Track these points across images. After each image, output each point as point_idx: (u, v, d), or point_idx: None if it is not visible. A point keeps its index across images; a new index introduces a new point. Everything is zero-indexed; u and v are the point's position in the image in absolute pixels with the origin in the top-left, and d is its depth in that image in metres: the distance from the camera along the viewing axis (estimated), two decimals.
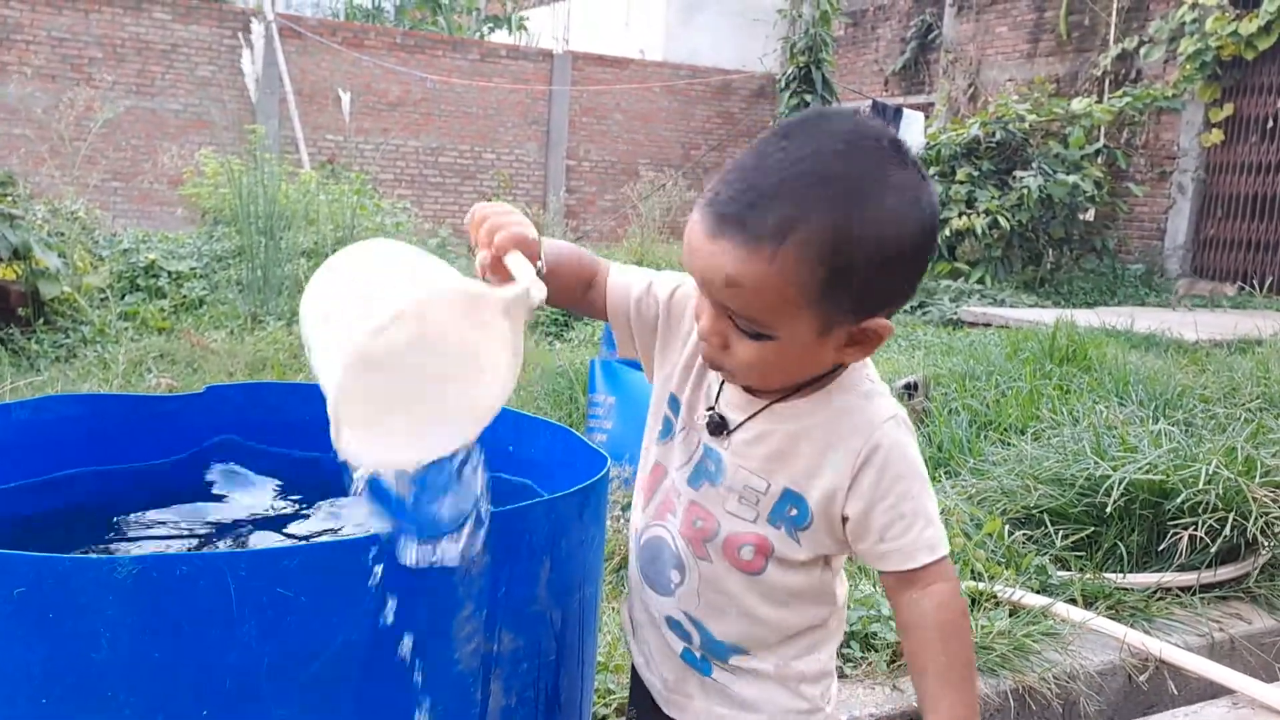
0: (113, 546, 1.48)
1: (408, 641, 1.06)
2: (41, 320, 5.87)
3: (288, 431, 1.71)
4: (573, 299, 1.31)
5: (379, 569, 1.04)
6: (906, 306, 9.36)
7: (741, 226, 1.02)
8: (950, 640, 1.19)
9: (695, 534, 1.25)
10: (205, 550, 1.47)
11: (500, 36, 19.69)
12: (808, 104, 10.03)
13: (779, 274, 1.02)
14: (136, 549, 1.48)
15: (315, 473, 1.65)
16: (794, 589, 1.25)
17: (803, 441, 1.19)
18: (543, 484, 1.50)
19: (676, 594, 1.27)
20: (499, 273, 1.08)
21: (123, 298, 6.79)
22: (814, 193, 1.01)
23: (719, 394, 1.25)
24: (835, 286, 1.03)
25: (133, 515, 1.56)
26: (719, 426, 1.23)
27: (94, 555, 0.96)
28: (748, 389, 1.22)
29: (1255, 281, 10.82)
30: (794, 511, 1.20)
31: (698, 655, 1.29)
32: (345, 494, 1.64)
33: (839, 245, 1.02)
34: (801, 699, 1.29)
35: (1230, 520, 2.75)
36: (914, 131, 11.70)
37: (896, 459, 1.17)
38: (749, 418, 1.21)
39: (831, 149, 1.03)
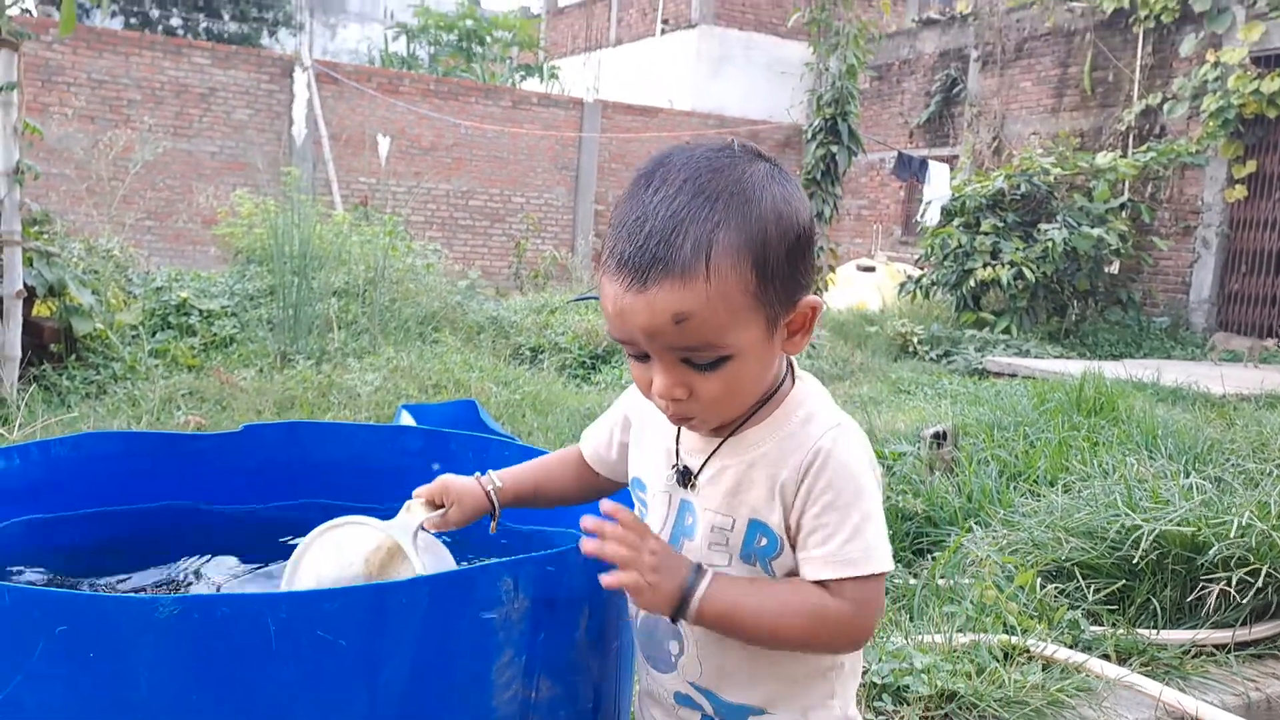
0: (152, 586, 1.49)
1: (447, 687, 1.06)
2: (74, 356, 5.93)
3: (323, 472, 1.72)
4: (577, 495, 1.44)
5: (417, 614, 1.04)
6: (932, 355, 9.37)
7: (666, 265, 1.05)
8: (798, 621, 1.13)
9: None
10: (244, 591, 1.47)
11: (532, 84, 19.94)
12: (834, 154, 10.04)
13: (719, 289, 1.06)
14: (176, 589, 1.48)
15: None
16: None
17: (757, 469, 1.19)
18: (578, 528, 1.49)
19: (679, 666, 1.26)
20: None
21: (154, 335, 6.85)
22: (709, 210, 1.07)
23: (678, 449, 1.27)
24: (765, 281, 1.09)
25: (171, 554, 1.57)
26: (685, 476, 1.24)
27: (135, 595, 0.96)
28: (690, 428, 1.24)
29: None
30: (764, 541, 1.19)
31: None
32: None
33: (753, 242, 1.08)
34: None
35: (1264, 574, 2.71)
36: (940, 183, 11.73)
37: (830, 464, 1.15)
38: (708, 458, 1.23)
39: (697, 171, 1.10)
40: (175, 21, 23.31)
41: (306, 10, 26.83)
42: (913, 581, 3.08)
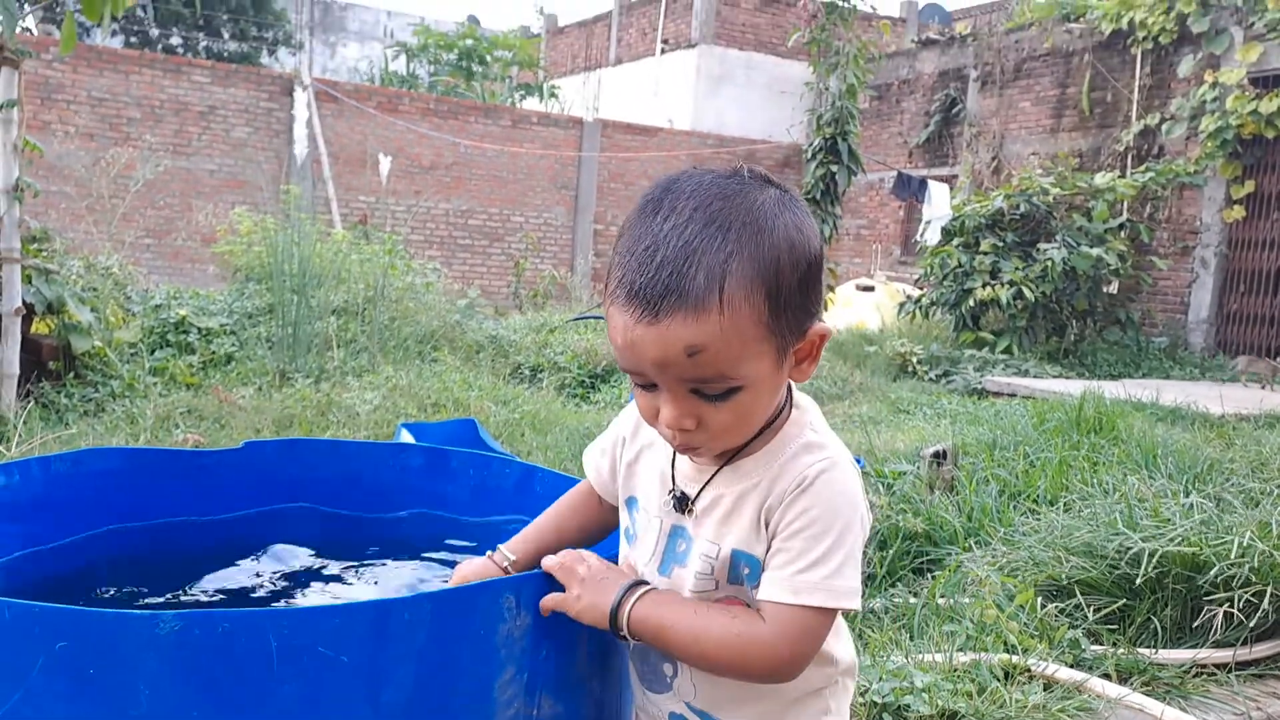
0: (153, 602, 1.48)
1: (449, 705, 1.06)
2: (72, 374, 5.92)
3: (324, 488, 1.71)
4: (597, 534, 1.41)
5: (420, 630, 1.04)
6: (932, 374, 9.38)
7: (680, 296, 1.03)
8: (721, 646, 1.12)
9: None
10: (246, 608, 1.46)
11: (532, 104, 20.01)
12: (834, 174, 10.09)
13: (732, 321, 1.05)
14: (177, 605, 1.48)
15: (354, 531, 1.65)
16: None
17: (748, 499, 1.18)
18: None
19: (674, 687, 1.25)
20: None
21: (153, 353, 6.84)
22: (722, 239, 1.05)
23: (673, 474, 1.25)
24: (777, 311, 1.08)
25: (172, 570, 1.56)
26: (682, 503, 1.23)
27: (136, 611, 0.95)
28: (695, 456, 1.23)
29: None
30: (747, 570, 1.18)
31: None
32: (384, 553, 1.65)
33: (766, 272, 1.06)
34: None
35: (1267, 594, 2.71)
36: (940, 202, 11.75)
37: (810, 492, 1.14)
38: (703, 486, 1.21)
39: (708, 198, 1.09)
40: (175, 40, 23.40)
41: (306, 29, 26.95)
42: (913, 600, 3.08)
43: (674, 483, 1.24)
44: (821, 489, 1.14)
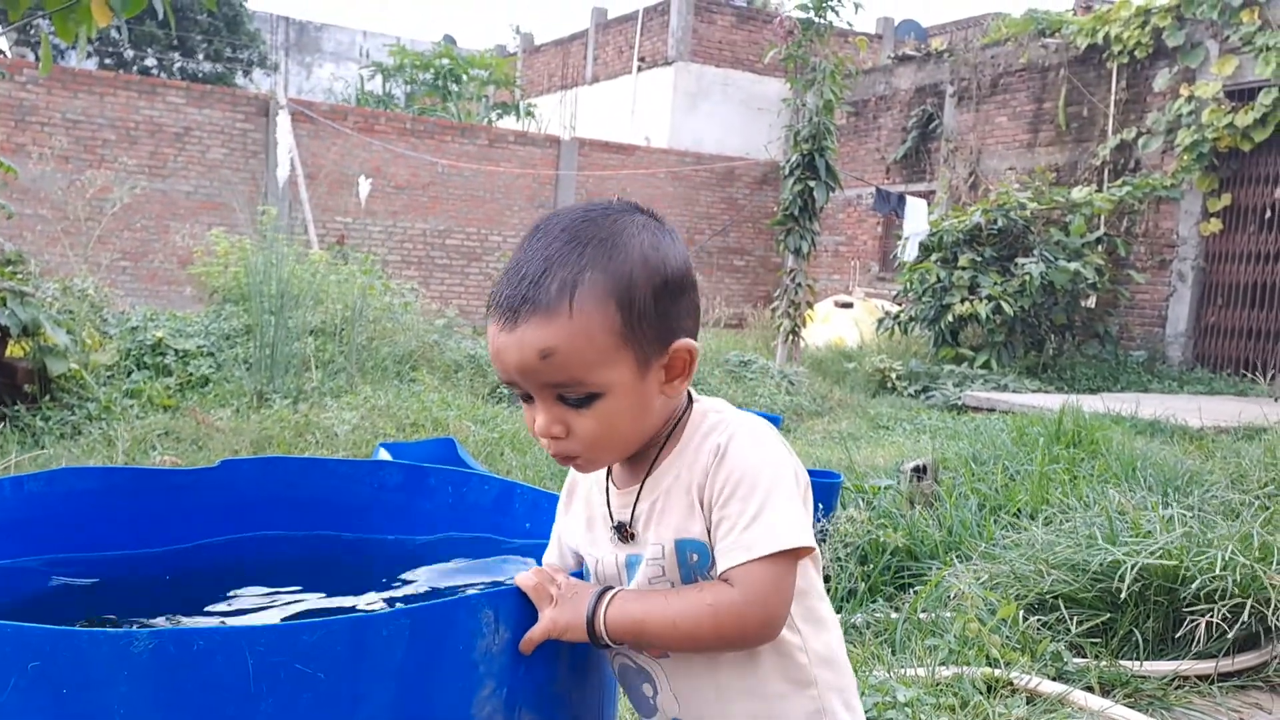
0: (128, 621, 1.46)
1: None
2: (48, 397, 5.87)
3: (302, 506, 1.70)
4: None
5: (398, 646, 1.03)
6: (911, 390, 9.41)
7: (533, 304, 1.13)
8: (695, 620, 1.14)
9: None
10: (222, 625, 1.44)
11: (508, 123, 20.02)
12: (811, 190, 10.11)
13: (583, 326, 1.12)
14: (152, 624, 1.46)
15: (330, 549, 1.64)
16: None
17: (674, 492, 1.22)
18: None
19: (660, 707, 1.27)
20: None
21: (129, 375, 6.79)
22: (577, 254, 1.15)
23: (610, 510, 1.29)
24: (631, 321, 1.15)
25: (148, 590, 1.54)
26: (622, 532, 1.26)
27: (109, 630, 0.94)
28: (615, 482, 1.28)
29: (1259, 368, 10.83)
30: (695, 557, 1.20)
31: None
32: (359, 570, 1.63)
33: (618, 284, 1.14)
34: None
35: (1249, 607, 2.71)
36: (918, 218, 11.82)
37: (728, 457, 1.18)
38: (634, 508, 1.25)
39: (574, 222, 1.19)
40: (150, 61, 23.34)
41: (281, 50, 26.95)
42: (894, 615, 3.07)
43: (612, 518, 1.28)
44: (736, 451, 1.18)
